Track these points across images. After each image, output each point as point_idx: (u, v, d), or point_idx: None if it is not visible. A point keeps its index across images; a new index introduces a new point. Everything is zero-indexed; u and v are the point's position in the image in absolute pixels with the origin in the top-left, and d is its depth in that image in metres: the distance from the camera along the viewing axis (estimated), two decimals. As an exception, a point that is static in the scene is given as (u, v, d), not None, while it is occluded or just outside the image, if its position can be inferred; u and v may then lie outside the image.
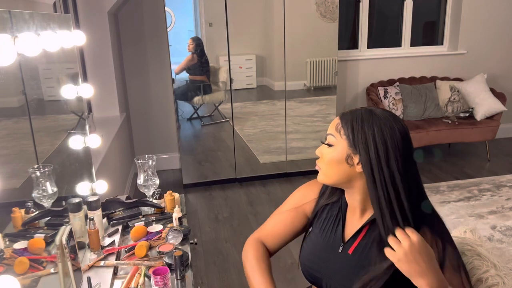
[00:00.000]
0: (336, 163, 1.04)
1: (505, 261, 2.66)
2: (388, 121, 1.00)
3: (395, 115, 1.04)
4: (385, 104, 4.21)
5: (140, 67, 4.08)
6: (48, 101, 1.86)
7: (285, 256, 2.75)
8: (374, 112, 1.02)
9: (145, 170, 1.83)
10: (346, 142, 1.02)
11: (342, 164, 1.03)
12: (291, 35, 3.77)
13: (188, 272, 1.40)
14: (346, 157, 1.02)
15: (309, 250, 1.20)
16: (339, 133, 1.03)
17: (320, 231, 1.19)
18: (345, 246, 1.12)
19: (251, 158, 4.03)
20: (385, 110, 1.05)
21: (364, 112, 1.02)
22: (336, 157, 1.03)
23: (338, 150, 1.03)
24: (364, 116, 1.01)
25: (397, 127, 1.00)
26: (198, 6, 3.69)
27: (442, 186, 3.76)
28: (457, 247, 1.02)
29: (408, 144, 1.01)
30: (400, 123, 1.02)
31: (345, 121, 1.03)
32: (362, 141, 0.99)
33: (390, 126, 0.99)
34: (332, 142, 1.05)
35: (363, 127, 1.00)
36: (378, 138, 0.98)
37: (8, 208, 1.38)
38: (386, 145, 0.98)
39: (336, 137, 1.04)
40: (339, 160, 1.03)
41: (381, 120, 1.00)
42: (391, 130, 0.99)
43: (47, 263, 1.30)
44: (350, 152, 1.01)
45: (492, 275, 1.11)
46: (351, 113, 1.04)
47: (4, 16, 1.19)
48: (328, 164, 1.05)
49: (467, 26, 4.61)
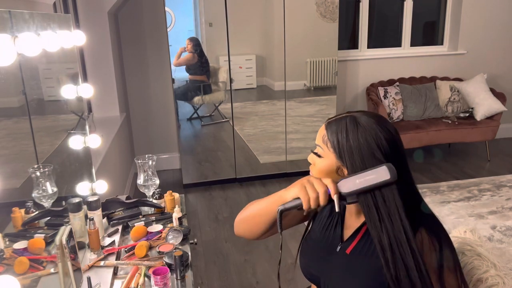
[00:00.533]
0: (326, 174, 1.04)
1: (505, 261, 2.66)
2: (373, 130, 0.98)
3: (382, 119, 1.02)
4: (385, 104, 4.21)
5: (140, 67, 4.08)
6: (48, 101, 1.87)
7: (285, 256, 2.75)
8: (358, 121, 1.00)
9: (145, 170, 1.83)
10: (334, 155, 1.02)
11: (333, 174, 1.03)
12: (291, 35, 3.77)
13: (188, 272, 1.40)
14: (336, 169, 1.02)
15: (308, 248, 1.21)
16: (326, 145, 1.03)
17: (319, 229, 1.19)
18: (343, 245, 1.12)
19: (251, 158, 4.03)
20: (371, 116, 1.02)
21: (348, 122, 1.00)
22: (326, 168, 1.04)
23: (327, 162, 1.03)
24: (348, 127, 1.00)
25: (383, 135, 0.98)
26: (198, 6, 3.70)
27: (442, 186, 3.76)
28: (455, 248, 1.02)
29: (397, 148, 0.99)
30: (387, 129, 1.00)
31: (331, 133, 1.02)
32: (348, 155, 0.99)
33: (375, 135, 0.98)
34: (320, 153, 1.05)
35: (348, 139, 0.99)
36: (364, 150, 0.97)
37: (8, 208, 1.38)
38: (374, 155, 0.97)
39: (323, 149, 1.04)
40: (329, 171, 1.04)
41: (366, 130, 0.98)
42: (376, 139, 0.97)
43: (47, 263, 1.30)
44: (340, 164, 1.01)
45: (492, 275, 1.11)
46: (336, 123, 1.03)
47: (4, 16, 1.19)
48: (320, 174, 1.06)
49: (467, 26, 4.61)
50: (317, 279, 1.16)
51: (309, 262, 1.19)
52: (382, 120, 1.01)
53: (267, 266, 2.73)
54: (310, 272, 1.18)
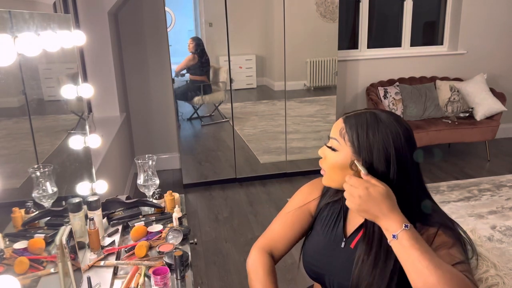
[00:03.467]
0: (340, 168, 1.02)
1: (505, 261, 2.66)
2: (393, 126, 0.98)
3: (399, 117, 1.02)
4: (385, 104, 4.21)
5: (140, 67, 4.08)
6: (48, 101, 1.87)
7: (285, 256, 2.74)
8: (379, 117, 1.00)
9: (145, 170, 1.83)
10: (350, 149, 1.00)
11: (347, 170, 1.01)
12: (291, 35, 3.77)
13: (188, 272, 1.40)
14: (350, 164, 1.01)
15: (311, 247, 1.21)
16: (343, 139, 1.01)
17: (322, 228, 1.20)
18: (347, 241, 1.13)
19: (251, 158, 4.03)
20: (389, 113, 1.02)
21: (369, 117, 1.00)
22: (340, 162, 1.02)
23: (342, 156, 1.02)
24: (369, 122, 0.99)
25: (401, 131, 0.98)
26: (198, 6, 3.69)
27: (442, 186, 3.76)
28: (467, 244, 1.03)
29: (412, 145, 1.01)
30: (404, 126, 1.00)
31: (350, 126, 1.01)
32: (368, 149, 0.98)
33: (395, 131, 0.98)
34: (335, 147, 1.03)
35: (368, 134, 0.98)
36: (384, 146, 0.97)
37: (8, 208, 1.38)
38: (392, 152, 0.97)
39: (340, 142, 1.02)
40: (343, 165, 1.02)
41: (387, 126, 0.98)
42: (396, 136, 0.97)
43: (47, 263, 1.30)
44: (355, 159, 1.00)
45: (492, 275, 1.11)
46: (355, 117, 1.01)
47: (4, 16, 1.19)
48: (332, 169, 1.04)
49: (467, 26, 4.61)
50: (322, 277, 1.17)
51: (312, 261, 1.20)
52: (400, 118, 1.03)
53: (267, 266, 2.73)
54: (314, 270, 1.19)
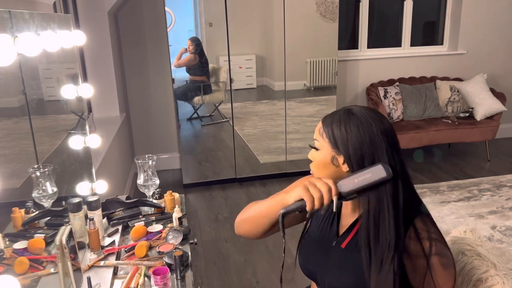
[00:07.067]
0: (323, 165, 1.07)
1: (505, 261, 2.66)
2: (365, 119, 1.02)
3: (376, 112, 1.05)
4: (385, 104, 4.21)
5: (140, 67, 4.08)
6: (48, 101, 1.87)
7: (286, 256, 2.74)
8: (352, 111, 1.04)
9: (145, 170, 1.83)
10: (329, 145, 1.05)
11: (330, 166, 1.06)
12: (291, 35, 3.77)
13: (188, 272, 1.40)
14: (331, 159, 1.05)
15: (306, 245, 1.23)
16: (322, 137, 1.07)
17: (317, 226, 1.22)
18: (338, 240, 1.14)
19: (251, 158, 4.03)
20: (366, 108, 1.06)
21: (343, 113, 1.05)
22: (323, 159, 1.07)
23: (324, 153, 1.06)
24: (342, 117, 1.04)
25: (375, 124, 1.01)
26: (198, 6, 3.70)
27: (442, 186, 3.76)
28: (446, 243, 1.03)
29: (390, 138, 1.01)
30: (379, 119, 1.03)
31: (326, 124, 1.06)
32: (343, 141, 1.02)
33: (367, 123, 1.01)
34: (318, 146, 1.08)
35: (341, 128, 1.02)
36: (357, 136, 1.00)
37: (8, 208, 1.38)
38: (366, 142, 1.00)
39: (320, 141, 1.07)
40: (325, 162, 1.06)
41: (359, 118, 1.02)
42: (368, 127, 1.00)
43: (47, 263, 1.30)
44: (334, 154, 1.04)
45: (492, 275, 1.11)
46: (331, 116, 1.07)
47: (4, 16, 1.19)
48: (318, 168, 1.09)
49: (467, 26, 4.61)
50: (314, 275, 1.19)
51: (306, 258, 1.22)
52: (377, 112, 1.05)
53: (267, 266, 2.73)
54: (307, 267, 1.21)
